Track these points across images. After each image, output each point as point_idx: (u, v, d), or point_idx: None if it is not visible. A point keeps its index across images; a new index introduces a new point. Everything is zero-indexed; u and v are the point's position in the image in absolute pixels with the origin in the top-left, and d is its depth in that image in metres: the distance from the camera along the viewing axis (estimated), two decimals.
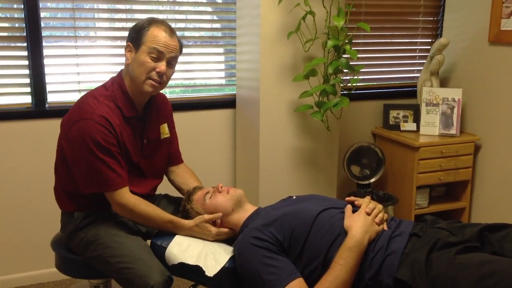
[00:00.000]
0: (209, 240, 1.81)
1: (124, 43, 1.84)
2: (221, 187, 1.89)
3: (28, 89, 2.54)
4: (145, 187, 1.95)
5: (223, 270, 1.67)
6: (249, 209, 1.87)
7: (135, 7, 2.66)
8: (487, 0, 2.83)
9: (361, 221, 1.63)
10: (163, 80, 1.79)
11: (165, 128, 2.00)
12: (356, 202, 1.76)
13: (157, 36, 1.75)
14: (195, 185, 2.05)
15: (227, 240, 1.86)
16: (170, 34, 1.78)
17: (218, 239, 1.83)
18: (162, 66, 1.76)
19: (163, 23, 1.79)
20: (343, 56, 2.37)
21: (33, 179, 2.59)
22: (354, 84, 2.44)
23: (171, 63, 1.80)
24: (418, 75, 3.17)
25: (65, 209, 1.90)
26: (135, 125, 1.84)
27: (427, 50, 3.23)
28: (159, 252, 1.77)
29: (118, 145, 1.75)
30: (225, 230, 1.83)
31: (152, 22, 1.78)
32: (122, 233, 1.82)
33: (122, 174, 1.76)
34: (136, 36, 1.76)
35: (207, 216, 1.80)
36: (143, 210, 1.78)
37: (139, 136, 1.86)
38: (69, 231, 1.87)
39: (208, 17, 2.88)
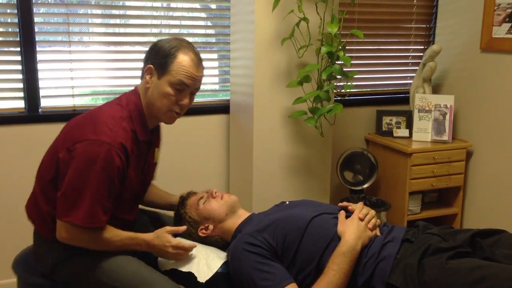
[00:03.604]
0: (168, 258, 1.70)
1: (118, 48, 1.81)
2: (215, 192, 1.90)
3: (21, 94, 2.53)
4: (135, 212, 1.84)
5: (215, 275, 1.67)
6: (242, 215, 1.87)
7: (129, 12, 2.67)
8: (479, 7, 2.86)
9: (354, 227, 1.64)
10: (183, 111, 1.70)
11: (157, 152, 1.91)
12: (349, 208, 1.77)
13: (185, 67, 1.62)
14: (161, 191, 2.04)
15: (220, 245, 1.86)
16: (198, 63, 1.66)
17: (177, 257, 1.68)
18: (186, 100, 1.66)
19: (191, 48, 1.66)
20: (336, 62, 2.38)
21: (26, 185, 2.56)
22: (348, 91, 2.45)
23: (194, 92, 1.71)
24: (411, 81, 3.19)
25: (46, 236, 1.68)
26: (143, 148, 1.73)
27: (420, 57, 3.25)
28: (152, 259, 1.76)
29: (122, 176, 1.62)
30: (186, 245, 1.68)
31: (180, 48, 1.63)
32: (117, 255, 1.66)
33: (106, 217, 1.60)
34: (160, 62, 1.62)
35: (169, 228, 1.68)
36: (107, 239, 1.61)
37: (143, 160, 1.75)
38: (52, 264, 1.68)
39: (202, 23, 2.89)
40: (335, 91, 2.57)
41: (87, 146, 1.53)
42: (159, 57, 1.63)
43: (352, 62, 2.39)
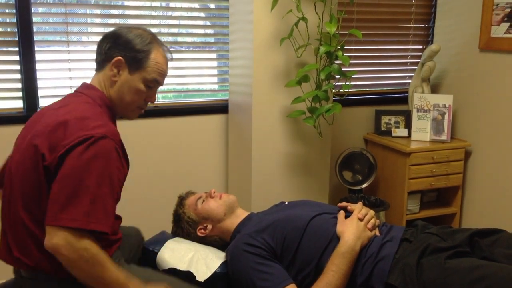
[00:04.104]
0: None
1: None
2: (214, 192, 1.89)
3: (20, 94, 2.52)
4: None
5: (214, 275, 1.67)
6: (241, 214, 1.87)
7: (127, 12, 2.66)
8: (477, 7, 2.87)
9: (354, 227, 1.64)
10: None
11: None
12: (348, 208, 1.77)
13: (160, 64, 1.56)
14: None
15: (219, 245, 1.86)
16: (168, 59, 1.60)
17: None
18: (154, 97, 1.60)
19: (161, 43, 1.59)
20: (335, 62, 2.38)
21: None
22: (346, 90, 2.45)
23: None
24: (410, 81, 3.19)
25: (39, 267, 1.42)
26: None
27: (418, 57, 3.25)
28: (151, 257, 1.76)
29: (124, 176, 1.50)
30: None
31: (153, 43, 1.56)
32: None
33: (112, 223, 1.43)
34: (134, 57, 1.52)
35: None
36: (103, 259, 1.37)
37: None
38: None
39: (201, 22, 2.89)
40: (333, 90, 2.57)
41: (97, 144, 1.37)
42: (130, 51, 1.52)
43: (350, 61, 2.40)
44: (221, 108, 2.86)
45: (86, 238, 1.34)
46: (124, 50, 1.53)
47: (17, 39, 2.47)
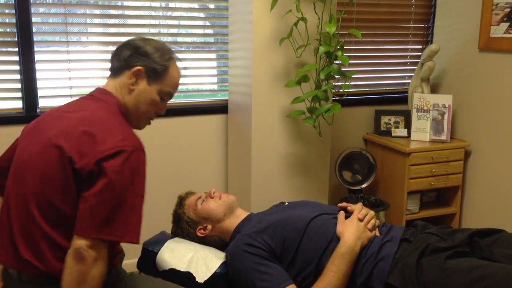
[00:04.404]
0: None
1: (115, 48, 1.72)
2: (214, 192, 1.89)
3: (19, 94, 2.52)
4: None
5: (214, 275, 1.67)
6: (240, 214, 1.87)
7: (127, 12, 2.66)
8: (477, 7, 2.87)
9: (354, 227, 1.64)
10: None
11: None
12: (348, 208, 1.77)
13: (175, 79, 1.60)
14: None
15: (218, 245, 1.86)
16: (181, 73, 1.64)
17: None
18: (165, 108, 1.62)
19: (177, 57, 1.64)
20: (334, 62, 2.38)
21: None
22: (346, 90, 2.45)
23: None
24: (409, 81, 3.19)
25: (50, 271, 1.39)
26: None
27: (418, 57, 3.25)
28: (150, 258, 1.76)
29: None
30: None
31: (172, 57, 1.60)
32: None
33: None
34: (154, 69, 1.54)
35: None
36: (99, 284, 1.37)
37: None
38: None
39: (200, 22, 2.89)
40: (333, 90, 2.57)
41: (133, 156, 1.36)
42: (152, 63, 1.55)
43: (350, 61, 2.40)
44: (220, 108, 2.86)
45: (105, 252, 1.35)
46: (145, 60, 1.55)
47: (16, 39, 2.47)
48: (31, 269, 1.40)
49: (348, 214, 1.73)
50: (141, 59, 1.55)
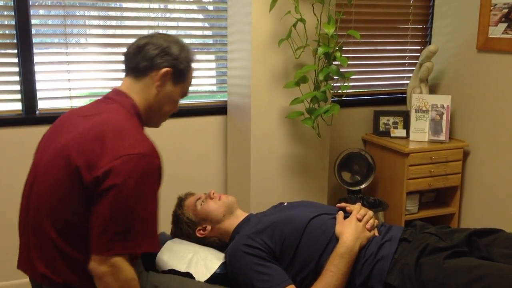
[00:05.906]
0: None
1: (115, 49, 1.70)
2: (213, 193, 1.90)
3: (19, 96, 2.52)
4: None
5: (213, 276, 1.67)
6: (240, 215, 1.87)
7: (126, 14, 2.67)
8: (475, 8, 2.87)
9: (352, 228, 1.64)
10: None
11: None
12: (347, 208, 1.78)
13: (192, 78, 1.61)
14: None
15: (218, 246, 1.86)
16: None
17: None
18: (177, 106, 1.63)
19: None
20: (333, 63, 2.39)
21: (23, 187, 2.57)
22: (345, 91, 2.46)
23: None
24: (408, 82, 3.20)
25: (67, 282, 1.39)
26: None
27: (416, 57, 3.26)
28: (150, 258, 1.77)
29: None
30: None
31: (193, 58, 1.59)
32: None
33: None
34: (180, 69, 1.53)
35: None
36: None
37: None
38: None
39: (199, 24, 2.89)
40: (332, 91, 2.57)
41: (143, 162, 1.33)
42: (178, 63, 1.52)
43: (349, 62, 2.41)
44: (219, 110, 2.87)
45: (128, 262, 1.34)
46: (173, 62, 1.51)
47: (15, 41, 2.47)
48: (48, 281, 1.40)
49: (347, 214, 1.73)
50: (169, 60, 1.51)
